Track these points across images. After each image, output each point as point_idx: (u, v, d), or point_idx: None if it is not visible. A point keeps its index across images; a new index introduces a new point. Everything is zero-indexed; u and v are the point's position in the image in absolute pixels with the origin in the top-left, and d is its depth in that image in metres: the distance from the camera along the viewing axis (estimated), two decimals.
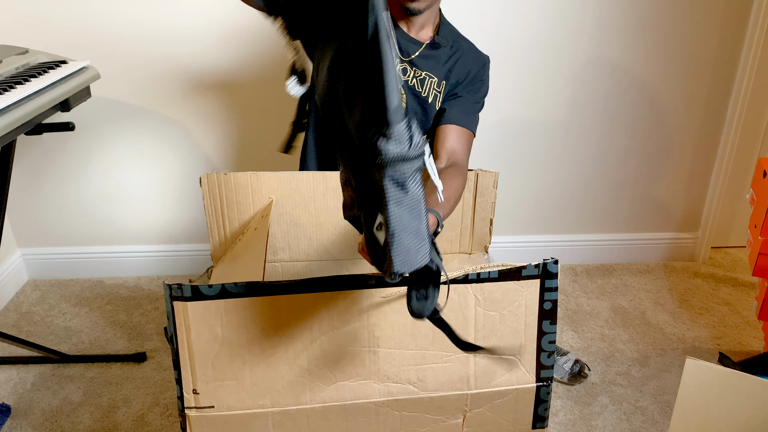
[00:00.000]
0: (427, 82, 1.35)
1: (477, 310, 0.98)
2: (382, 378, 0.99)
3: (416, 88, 1.34)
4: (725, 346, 1.83)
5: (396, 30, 1.32)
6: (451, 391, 1.01)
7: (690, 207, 2.25)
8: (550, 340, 1.02)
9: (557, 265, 0.98)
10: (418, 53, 1.33)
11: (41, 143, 2.00)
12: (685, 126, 2.10)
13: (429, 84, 1.35)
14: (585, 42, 1.95)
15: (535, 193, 2.18)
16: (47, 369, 1.74)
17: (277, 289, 0.93)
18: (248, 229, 1.36)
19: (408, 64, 1.33)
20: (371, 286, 0.95)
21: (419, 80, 1.34)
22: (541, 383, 1.03)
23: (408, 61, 1.33)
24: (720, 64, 2.01)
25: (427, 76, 1.34)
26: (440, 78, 1.35)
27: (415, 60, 1.33)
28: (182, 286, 0.91)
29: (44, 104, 1.33)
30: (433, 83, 1.35)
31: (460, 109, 1.36)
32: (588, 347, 1.83)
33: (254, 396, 0.97)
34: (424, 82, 1.34)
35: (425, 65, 1.34)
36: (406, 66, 1.33)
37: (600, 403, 1.62)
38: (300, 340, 0.95)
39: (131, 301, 2.06)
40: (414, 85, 1.34)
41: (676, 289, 2.13)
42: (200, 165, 2.06)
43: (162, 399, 1.63)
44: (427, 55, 1.34)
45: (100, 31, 1.85)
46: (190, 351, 0.94)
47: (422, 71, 1.34)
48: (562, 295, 2.08)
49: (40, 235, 2.15)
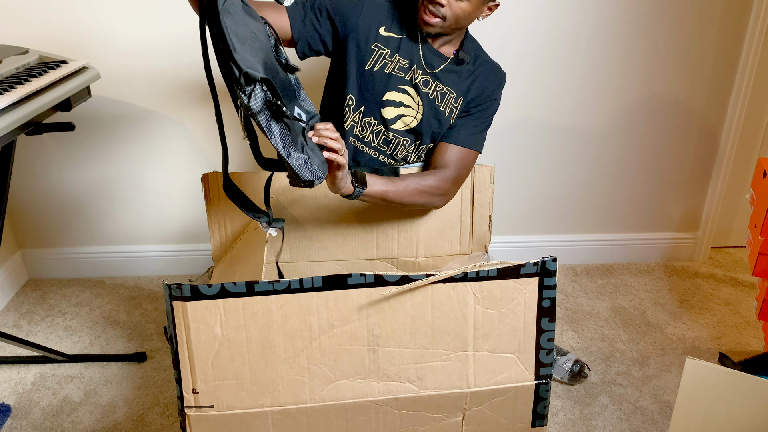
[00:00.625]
0: (447, 97, 1.35)
1: (476, 308, 0.99)
2: (382, 377, 0.99)
3: (435, 102, 1.35)
4: (725, 346, 1.83)
5: (423, 43, 1.32)
6: (451, 390, 1.01)
7: (690, 207, 2.24)
8: (548, 338, 1.02)
9: (555, 263, 0.99)
10: (443, 68, 1.33)
11: (41, 143, 2.01)
12: (686, 125, 2.10)
13: (448, 99, 1.35)
14: (585, 41, 1.95)
15: (535, 193, 2.18)
16: (47, 369, 1.74)
17: (277, 289, 0.93)
18: (249, 228, 1.37)
19: (431, 77, 1.33)
20: (370, 285, 0.95)
21: (440, 94, 1.34)
22: (540, 381, 1.03)
23: (432, 74, 1.33)
24: (720, 63, 2.01)
25: (448, 92, 1.35)
26: (459, 94, 1.35)
27: (439, 74, 1.34)
28: (181, 286, 0.91)
29: (44, 104, 1.33)
30: (452, 99, 1.35)
31: (467, 129, 1.37)
32: (588, 347, 1.83)
33: (254, 395, 0.97)
34: (444, 96, 1.35)
35: (448, 80, 1.34)
36: (428, 78, 1.33)
37: (600, 403, 1.62)
38: (299, 339, 0.96)
39: (131, 300, 2.06)
40: (434, 99, 1.34)
41: (676, 289, 2.12)
42: (201, 164, 2.06)
43: (162, 399, 1.64)
44: (451, 70, 1.34)
45: (100, 31, 1.85)
46: (189, 351, 0.94)
47: (444, 86, 1.34)
48: (562, 294, 2.08)
49: (41, 235, 2.15)
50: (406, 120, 1.36)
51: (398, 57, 1.31)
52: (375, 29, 1.31)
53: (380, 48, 1.31)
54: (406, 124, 1.36)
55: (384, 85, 1.32)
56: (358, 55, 1.31)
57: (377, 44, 1.31)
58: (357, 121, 1.36)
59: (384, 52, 1.31)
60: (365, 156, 1.39)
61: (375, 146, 1.38)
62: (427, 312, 0.98)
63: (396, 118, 1.35)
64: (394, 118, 1.35)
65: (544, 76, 1.99)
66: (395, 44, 1.31)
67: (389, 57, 1.31)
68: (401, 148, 1.38)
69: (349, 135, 1.38)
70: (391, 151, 1.38)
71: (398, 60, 1.31)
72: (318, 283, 0.94)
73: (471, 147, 1.37)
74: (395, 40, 1.31)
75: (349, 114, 1.35)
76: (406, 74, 1.33)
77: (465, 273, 0.97)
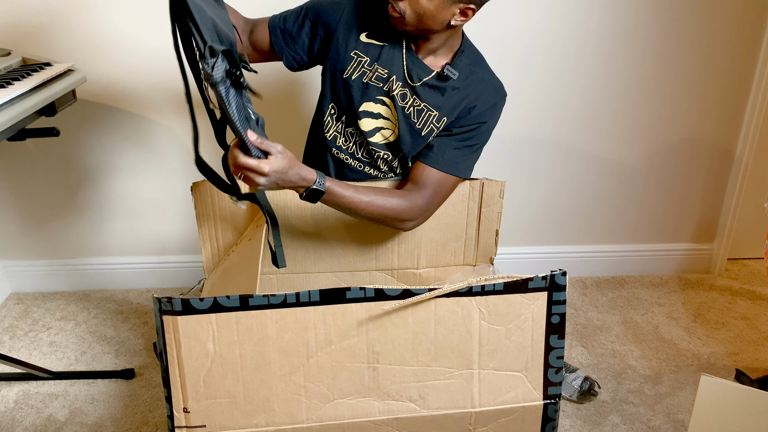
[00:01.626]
0: (425, 113, 1.27)
1: (482, 323, 0.97)
2: (382, 395, 0.97)
3: (411, 118, 1.27)
4: (742, 363, 1.79)
5: (408, 51, 1.26)
6: (455, 409, 0.99)
7: (705, 217, 2.20)
8: (557, 355, 1.00)
9: (565, 277, 0.96)
10: (423, 81, 1.26)
11: (24, 149, 1.98)
12: (700, 132, 2.07)
13: (427, 117, 1.27)
14: (593, 48, 1.92)
15: (543, 202, 2.15)
16: (31, 386, 1.71)
17: (272, 303, 0.91)
18: (242, 239, 1.35)
19: (410, 90, 1.27)
20: (371, 299, 0.93)
21: (416, 110, 1.27)
22: (549, 401, 1.01)
23: (411, 87, 1.27)
24: (736, 67, 1.97)
25: (426, 108, 1.27)
26: (441, 114, 1.26)
27: (419, 89, 1.26)
28: (172, 300, 0.89)
29: (28, 108, 1.29)
30: (433, 118, 1.27)
31: (449, 152, 1.28)
32: (598, 363, 1.79)
33: (248, 415, 0.95)
34: (422, 113, 1.27)
35: (428, 96, 1.26)
36: (406, 92, 1.27)
37: (611, 422, 1.58)
38: (296, 356, 0.94)
39: (119, 315, 2.03)
40: (410, 114, 1.27)
41: (691, 302, 2.09)
42: (192, 172, 2.03)
43: (151, 418, 1.60)
44: (433, 86, 1.26)
45: (86, 32, 1.83)
46: (180, 367, 0.92)
47: (422, 102, 1.27)
48: (571, 308, 2.05)
49: (24, 246, 2.12)
50: (385, 133, 1.30)
51: (377, 66, 1.26)
52: (356, 35, 1.27)
53: (359, 56, 1.27)
54: (385, 138, 1.31)
55: (360, 95, 1.27)
56: (337, 63, 1.28)
57: (357, 52, 1.27)
58: (340, 132, 1.33)
59: (363, 60, 1.27)
60: (350, 167, 1.35)
61: (359, 158, 1.34)
62: (430, 328, 0.96)
63: (374, 130, 1.30)
64: (373, 131, 1.30)
65: (553, 82, 1.97)
66: (376, 52, 1.26)
67: (368, 66, 1.27)
68: (381, 162, 1.34)
69: (332, 146, 1.34)
70: (374, 163, 1.34)
71: (377, 69, 1.27)
72: (315, 297, 0.92)
73: (451, 172, 1.27)
74: (376, 47, 1.27)
75: (332, 124, 1.33)
76: (384, 84, 1.27)
77: (470, 287, 0.95)
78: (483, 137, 1.30)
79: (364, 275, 1.41)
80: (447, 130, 1.28)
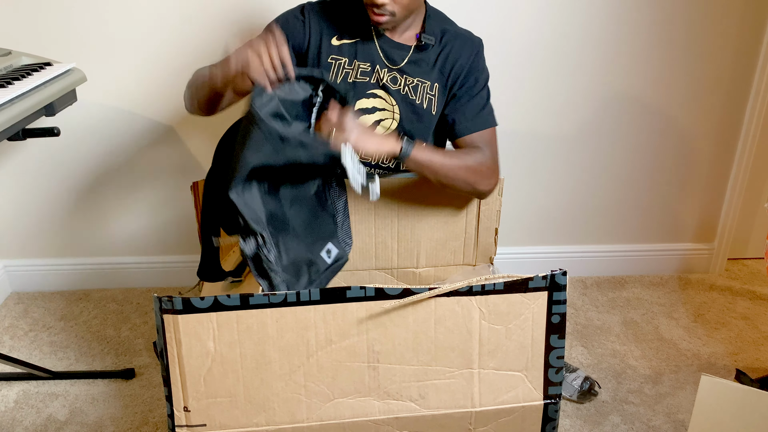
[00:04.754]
0: (420, 88, 1.32)
1: (482, 323, 0.96)
2: (382, 395, 0.97)
3: (409, 96, 1.31)
4: (742, 363, 1.79)
5: (380, 38, 1.30)
6: (455, 409, 0.99)
7: (705, 216, 2.20)
8: (558, 355, 0.99)
9: (566, 277, 0.96)
10: (407, 60, 1.30)
11: (25, 149, 1.97)
12: (700, 132, 2.06)
13: (422, 90, 1.32)
14: (594, 47, 1.92)
15: (543, 201, 2.14)
16: (31, 386, 1.70)
17: (273, 302, 0.91)
18: None
19: (398, 72, 1.31)
20: (371, 298, 0.93)
21: (411, 88, 1.31)
22: (549, 401, 1.01)
23: (397, 69, 1.30)
24: (736, 67, 1.97)
25: (419, 83, 1.31)
26: (432, 81, 1.31)
27: (404, 68, 1.31)
28: (173, 299, 0.89)
29: (28, 108, 1.29)
30: (426, 87, 1.32)
31: (470, 113, 1.32)
32: (598, 363, 1.79)
33: (248, 414, 0.95)
34: (417, 88, 1.32)
35: (415, 71, 1.31)
36: (395, 75, 1.31)
37: (611, 422, 1.58)
38: (296, 355, 0.94)
39: (119, 314, 2.02)
40: (407, 93, 1.31)
41: (691, 302, 2.08)
42: (192, 172, 2.03)
43: (151, 417, 1.60)
44: (416, 60, 1.31)
45: (86, 32, 1.82)
46: (180, 367, 0.92)
47: (413, 78, 1.31)
48: (571, 308, 2.04)
49: (24, 246, 2.11)
50: (386, 123, 1.33)
51: (357, 62, 1.29)
52: (327, 42, 1.29)
53: (337, 59, 1.29)
54: (387, 128, 1.33)
55: (351, 96, 1.30)
56: None
57: (333, 56, 1.29)
58: None
59: (342, 61, 1.29)
60: None
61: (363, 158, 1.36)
62: (430, 327, 0.96)
63: (374, 124, 1.33)
64: (373, 125, 1.33)
65: (553, 82, 1.96)
66: (351, 50, 1.29)
67: (348, 65, 1.29)
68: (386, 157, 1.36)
69: None
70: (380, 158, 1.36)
71: (358, 66, 1.29)
72: (315, 296, 0.92)
73: (486, 126, 1.32)
74: (350, 46, 1.29)
75: None
76: (371, 77, 1.30)
77: (470, 286, 0.94)
78: (484, 84, 1.34)
79: (364, 274, 1.41)
80: (453, 96, 1.32)
